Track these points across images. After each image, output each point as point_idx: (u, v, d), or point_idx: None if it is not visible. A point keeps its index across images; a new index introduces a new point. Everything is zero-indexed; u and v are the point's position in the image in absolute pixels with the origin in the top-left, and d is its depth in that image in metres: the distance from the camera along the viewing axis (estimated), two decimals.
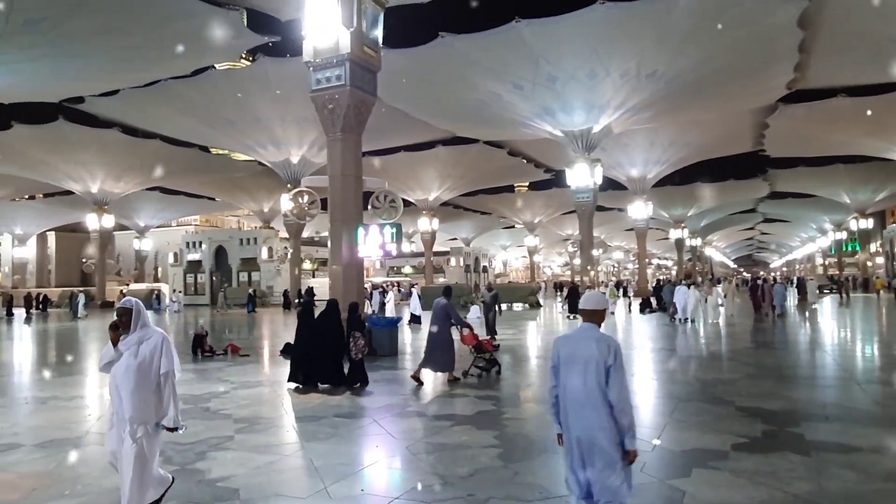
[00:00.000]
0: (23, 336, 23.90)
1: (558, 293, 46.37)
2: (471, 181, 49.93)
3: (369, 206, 14.79)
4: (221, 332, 21.19)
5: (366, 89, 14.30)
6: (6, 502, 5.04)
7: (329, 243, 14.55)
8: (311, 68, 14.21)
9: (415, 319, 23.24)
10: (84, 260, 63.35)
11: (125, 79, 28.10)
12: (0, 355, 18.03)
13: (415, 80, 27.36)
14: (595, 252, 43.73)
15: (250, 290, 38.52)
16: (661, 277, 65.16)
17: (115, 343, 4.36)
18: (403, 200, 17.69)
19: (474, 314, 25.58)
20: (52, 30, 21.23)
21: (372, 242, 13.44)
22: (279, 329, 23.40)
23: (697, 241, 74.17)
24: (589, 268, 36.00)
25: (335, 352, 10.39)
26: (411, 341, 17.72)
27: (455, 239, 76.39)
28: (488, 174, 48.45)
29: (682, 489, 5.14)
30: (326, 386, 10.17)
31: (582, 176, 32.62)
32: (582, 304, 3.85)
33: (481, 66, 26.95)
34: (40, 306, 37.95)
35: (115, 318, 4.39)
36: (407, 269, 69.92)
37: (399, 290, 44.16)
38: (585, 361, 3.60)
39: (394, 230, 13.61)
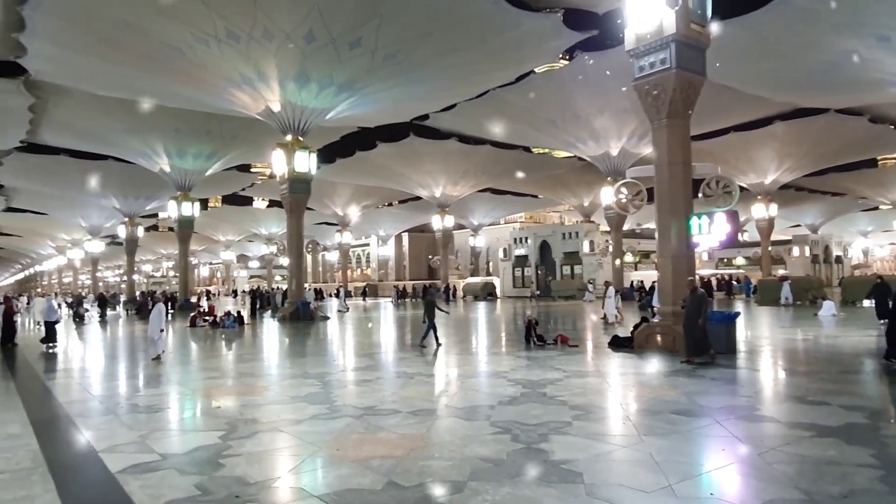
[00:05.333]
0: (386, 319, 28.54)
1: None
2: (817, 158, 43.14)
3: (700, 194, 13.87)
4: (547, 323, 22.21)
5: (693, 69, 13.43)
6: (394, 457, 6.04)
7: (656, 235, 14.08)
8: (632, 56, 13.90)
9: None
10: (430, 256, 72.85)
11: (460, 93, 31.37)
12: (371, 337, 21.85)
13: (746, 51, 24.73)
14: None
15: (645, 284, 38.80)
16: None
17: None
18: None
19: (829, 311, 22.17)
20: (404, 60, 24.84)
21: (708, 232, 12.58)
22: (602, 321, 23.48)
23: None
24: None
25: None
26: (748, 338, 16.15)
27: (798, 226, 67.01)
28: (841, 148, 41.17)
29: None
30: None
31: None
32: None
33: (830, 21, 22.99)
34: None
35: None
36: (739, 261, 63.73)
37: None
38: None
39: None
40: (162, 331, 14.75)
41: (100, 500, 5.19)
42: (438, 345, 15.45)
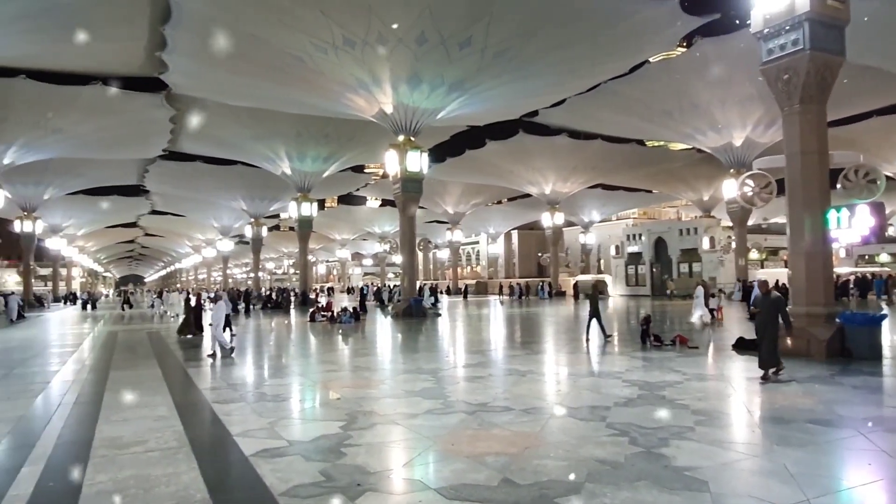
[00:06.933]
0: (497, 317, 28.56)
1: None
2: None
3: (839, 185, 12.75)
4: (663, 323, 21.32)
5: (830, 49, 12.33)
6: (508, 454, 6.04)
7: (787, 230, 13.09)
8: (760, 39, 12.99)
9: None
10: (540, 254, 72.09)
11: (571, 88, 30.75)
12: (481, 333, 21.95)
13: (891, 26, 22.39)
14: None
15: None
16: None
17: None
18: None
19: None
20: (514, 57, 24.72)
21: (848, 226, 11.53)
22: (726, 322, 22.19)
23: None
24: None
25: None
26: (894, 343, 14.64)
27: None
28: None
29: None
30: None
31: None
32: None
33: None
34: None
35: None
36: (884, 258, 57.91)
37: None
38: None
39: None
40: (230, 328, 14.39)
41: (236, 480, 5.58)
42: (607, 337, 15.97)
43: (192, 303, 20.66)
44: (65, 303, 56.81)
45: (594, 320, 16.18)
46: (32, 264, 50.10)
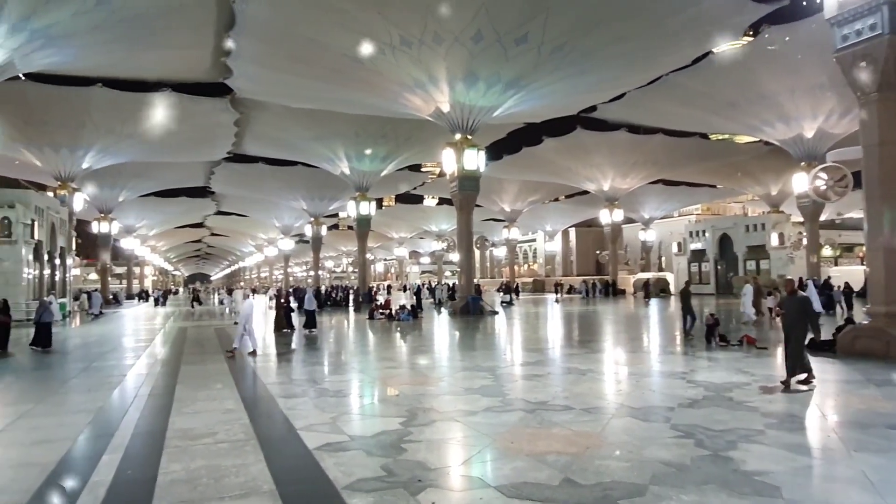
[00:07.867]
0: (555, 315, 28.25)
1: None
2: None
3: None
4: (728, 322, 20.61)
5: None
6: (569, 454, 5.97)
7: (864, 225, 12.43)
8: (834, 25, 12.38)
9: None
10: (598, 251, 70.90)
11: (630, 81, 30.08)
12: (538, 332, 21.77)
13: None
14: None
15: None
16: None
17: None
18: None
19: None
20: (571, 52, 24.36)
21: None
22: None
23: None
24: None
25: None
26: None
27: None
28: None
29: None
30: None
31: None
32: None
33: None
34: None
35: None
36: None
37: None
38: None
39: None
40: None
41: (300, 472, 5.73)
42: (690, 335, 16.31)
43: (283, 301, 21.86)
44: (138, 300, 59.56)
45: (688, 317, 17.08)
46: (109, 263, 52.70)
